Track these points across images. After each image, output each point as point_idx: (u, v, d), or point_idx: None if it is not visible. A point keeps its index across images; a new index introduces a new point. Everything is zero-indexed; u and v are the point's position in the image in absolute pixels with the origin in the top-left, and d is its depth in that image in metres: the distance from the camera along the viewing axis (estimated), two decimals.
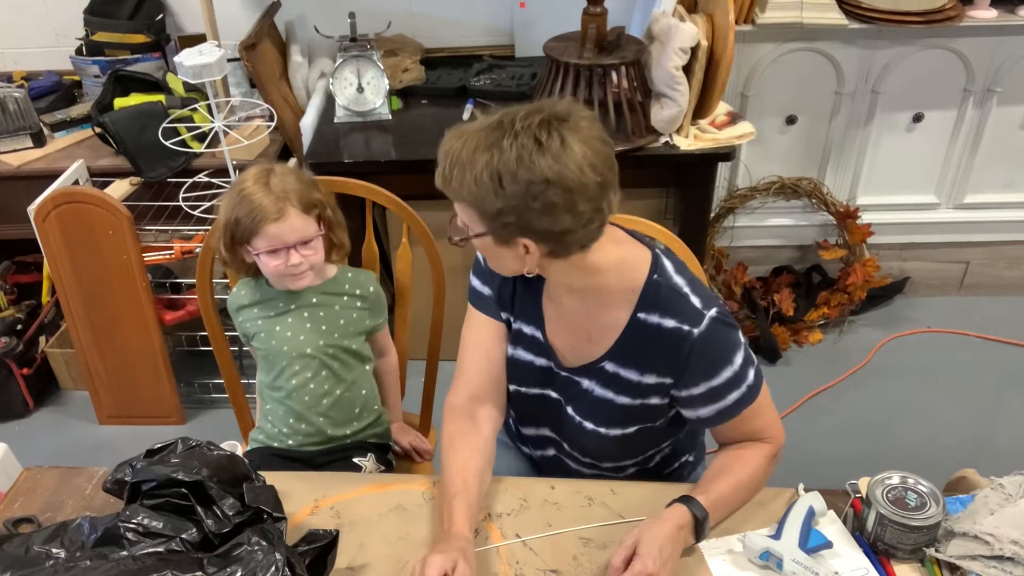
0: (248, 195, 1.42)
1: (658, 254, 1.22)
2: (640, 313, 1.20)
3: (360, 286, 1.59)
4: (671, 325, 1.18)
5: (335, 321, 1.56)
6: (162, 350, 2.40)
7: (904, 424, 2.45)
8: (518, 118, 1.06)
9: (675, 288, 1.19)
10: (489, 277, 1.32)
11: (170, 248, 2.30)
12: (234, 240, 1.45)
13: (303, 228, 1.44)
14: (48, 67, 2.79)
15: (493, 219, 1.10)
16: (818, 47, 2.50)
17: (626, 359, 1.23)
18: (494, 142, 1.06)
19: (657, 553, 1.09)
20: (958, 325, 2.80)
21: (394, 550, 1.20)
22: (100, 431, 2.53)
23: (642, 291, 1.19)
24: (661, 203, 2.54)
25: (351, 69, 2.35)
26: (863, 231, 2.71)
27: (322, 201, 1.49)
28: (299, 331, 1.55)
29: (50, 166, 2.39)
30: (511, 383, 1.35)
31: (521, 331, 1.31)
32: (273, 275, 1.50)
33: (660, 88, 2.16)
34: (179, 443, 1.16)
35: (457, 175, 1.09)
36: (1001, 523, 1.12)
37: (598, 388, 1.26)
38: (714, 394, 1.20)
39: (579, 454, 1.36)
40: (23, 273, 2.77)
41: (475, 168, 1.06)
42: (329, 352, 1.55)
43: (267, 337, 1.56)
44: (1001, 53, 2.51)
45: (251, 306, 1.58)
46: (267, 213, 1.41)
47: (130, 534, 1.04)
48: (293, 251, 1.45)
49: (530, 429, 1.41)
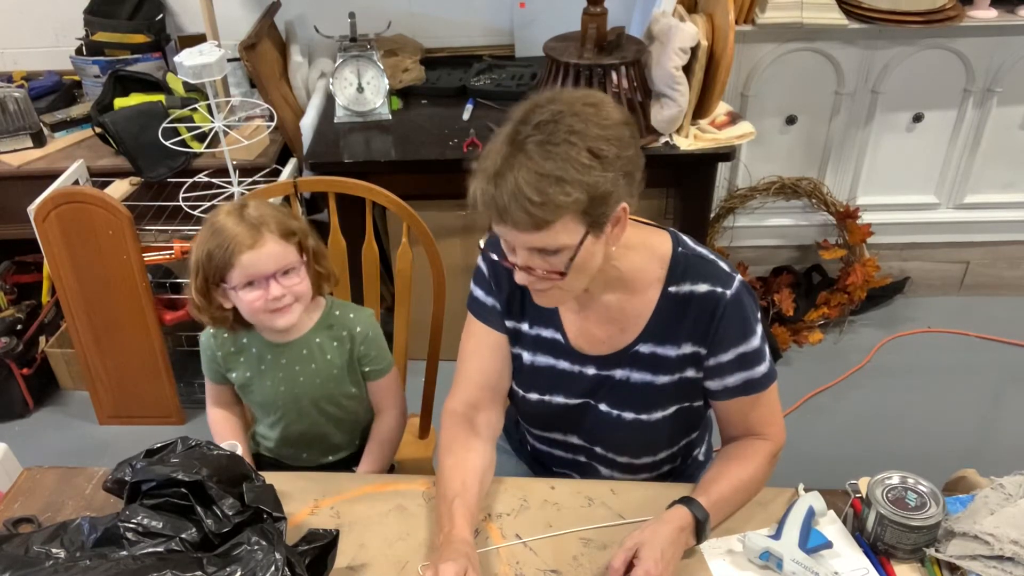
0: (220, 227, 1.30)
1: (675, 231, 1.25)
2: (671, 287, 1.21)
3: (349, 327, 1.45)
4: (704, 290, 1.19)
5: (328, 371, 1.45)
6: (162, 350, 2.40)
7: (904, 424, 2.44)
8: (533, 113, 1.05)
9: (702, 256, 1.22)
10: (494, 287, 1.30)
11: (170, 248, 2.30)
12: (208, 281, 1.32)
13: (282, 255, 1.32)
14: (48, 67, 2.79)
15: (600, 203, 1.04)
16: (818, 47, 2.50)
17: (661, 336, 1.23)
18: (545, 139, 1.01)
19: (659, 556, 1.09)
20: (958, 325, 2.80)
21: (394, 550, 1.20)
22: (100, 431, 2.53)
23: (670, 265, 1.21)
24: (661, 203, 2.54)
25: (351, 69, 2.35)
26: (863, 231, 2.71)
27: (303, 229, 1.37)
28: (292, 385, 1.45)
29: (50, 166, 2.39)
30: (533, 392, 1.33)
31: (540, 336, 1.30)
32: (255, 314, 1.34)
33: (660, 88, 2.16)
34: (179, 443, 1.16)
35: (552, 191, 1.00)
36: (1001, 523, 1.12)
37: (635, 374, 1.26)
38: (743, 361, 1.21)
39: (615, 454, 1.33)
40: (23, 273, 2.77)
41: (571, 155, 1.01)
42: (326, 399, 1.48)
43: (255, 392, 1.47)
44: (1001, 53, 2.51)
45: (236, 354, 1.46)
46: (242, 240, 1.28)
47: (130, 534, 1.04)
48: (273, 282, 1.31)
49: (557, 434, 1.38)
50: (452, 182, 2.29)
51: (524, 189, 1.01)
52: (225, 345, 1.46)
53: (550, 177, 1.01)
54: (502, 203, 1.02)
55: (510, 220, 1.03)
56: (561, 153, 1.01)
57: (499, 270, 1.29)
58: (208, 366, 1.50)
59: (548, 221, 1.03)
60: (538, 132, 1.03)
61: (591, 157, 1.02)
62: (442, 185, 2.34)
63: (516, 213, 1.02)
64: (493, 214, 1.06)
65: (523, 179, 1.01)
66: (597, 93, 1.09)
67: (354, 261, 1.70)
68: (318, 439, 1.54)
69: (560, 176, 1.01)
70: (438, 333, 1.71)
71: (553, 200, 1.01)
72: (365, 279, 1.71)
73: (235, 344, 1.46)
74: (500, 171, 1.03)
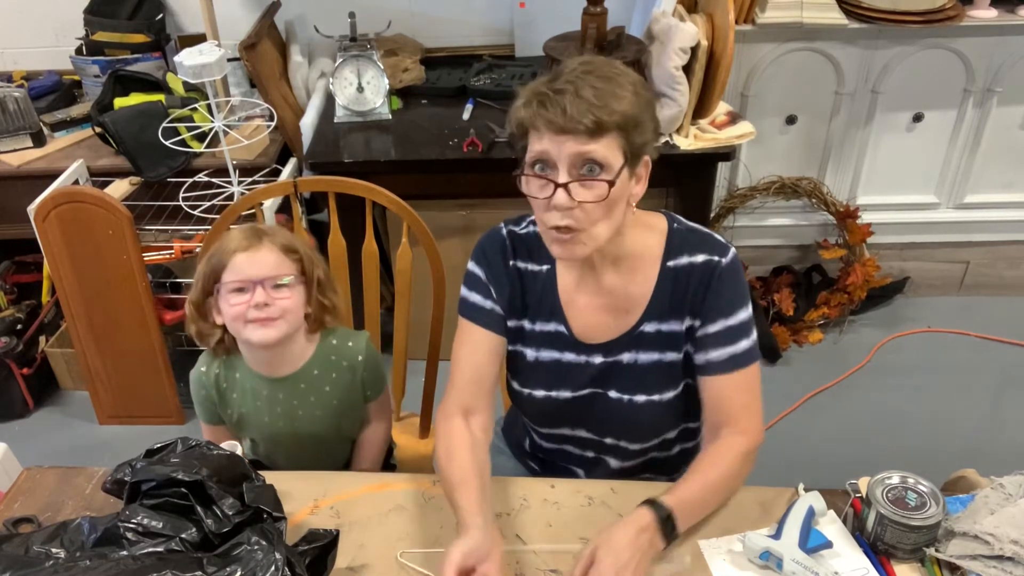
0: (227, 235, 1.33)
1: (668, 212, 1.28)
2: (669, 262, 1.23)
3: (349, 356, 1.43)
4: (702, 259, 1.22)
5: (328, 403, 1.44)
6: (162, 350, 2.40)
7: (904, 424, 2.45)
8: (568, 65, 1.12)
9: (697, 229, 1.26)
10: (493, 291, 1.29)
11: (170, 248, 2.30)
12: (204, 289, 1.32)
13: (276, 264, 1.30)
14: (48, 67, 2.79)
15: (639, 132, 1.10)
16: (818, 47, 2.50)
17: (665, 312, 1.24)
18: (590, 70, 1.09)
19: (614, 559, 1.07)
20: (958, 325, 2.80)
21: (394, 550, 1.20)
22: (100, 431, 2.53)
23: (667, 240, 1.24)
24: (661, 203, 2.54)
25: (351, 69, 2.35)
26: (863, 231, 2.71)
27: (309, 256, 1.36)
28: (291, 420, 1.43)
29: (50, 166, 2.39)
30: (539, 388, 1.32)
31: (543, 331, 1.30)
32: (235, 320, 1.30)
33: (660, 88, 2.16)
34: (179, 443, 1.16)
35: (608, 98, 1.07)
36: (1001, 523, 1.12)
37: (642, 355, 1.26)
38: (729, 334, 1.21)
39: (627, 441, 1.33)
40: (23, 273, 2.77)
41: (619, 83, 1.09)
42: (327, 431, 1.47)
43: (253, 428, 1.46)
44: (1001, 53, 2.51)
45: (229, 389, 1.43)
46: (239, 243, 1.29)
47: (130, 534, 1.04)
48: (261, 288, 1.28)
49: (565, 429, 1.37)
50: (452, 182, 2.33)
51: (584, 92, 1.06)
52: (218, 381, 1.43)
53: (604, 89, 1.07)
54: (562, 104, 1.06)
55: (569, 120, 1.06)
56: (610, 77, 1.09)
57: (497, 272, 1.29)
58: (202, 407, 1.46)
59: (605, 124, 1.06)
60: (583, 67, 1.10)
61: (632, 91, 1.10)
62: (442, 185, 2.35)
63: (577, 111, 1.06)
64: (544, 121, 1.08)
65: (583, 84, 1.07)
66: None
67: (354, 261, 1.70)
68: (315, 461, 1.51)
69: (613, 90, 1.08)
70: (438, 333, 1.71)
71: (609, 105, 1.06)
72: (365, 279, 1.71)
73: (228, 379, 1.43)
74: (554, 84, 1.08)
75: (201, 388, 1.43)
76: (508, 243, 1.30)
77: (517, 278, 1.30)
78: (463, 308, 1.32)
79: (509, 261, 1.30)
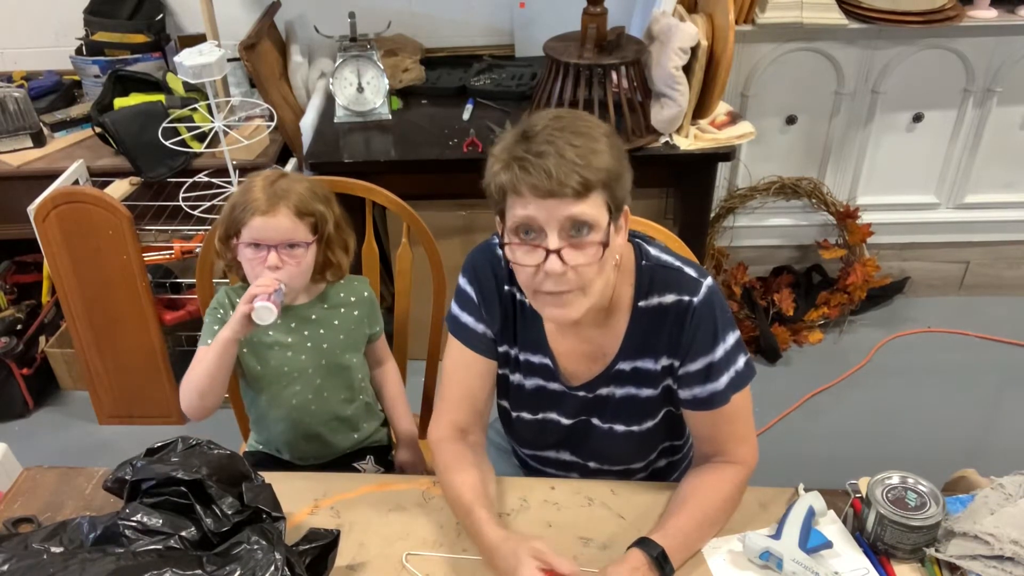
0: (250, 187, 1.40)
1: (638, 242, 1.24)
2: (640, 302, 1.21)
3: (355, 292, 1.55)
4: (671, 299, 1.19)
5: (335, 337, 1.51)
6: (162, 350, 2.40)
7: (904, 424, 2.45)
8: (539, 119, 1.09)
9: (666, 265, 1.21)
10: (484, 315, 1.28)
11: (170, 248, 2.30)
12: (228, 232, 1.42)
13: (290, 231, 1.38)
14: (48, 67, 2.79)
15: (619, 183, 1.09)
16: (818, 47, 2.50)
17: (637, 351, 1.23)
18: (563, 127, 1.06)
19: None
20: (958, 325, 2.80)
21: (394, 550, 1.20)
22: (100, 431, 2.53)
23: (636, 280, 1.21)
24: (661, 203, 2.54)
25: (351, 69, 2.35)
26: (863, 231, 2.71)
27: (323, 214, 1.43)
28: (299, 350, 1.49)
29: (50, 166, 2.39)
30: (523, 411, 1.33)
31: (529, 361, 1.29)
32: (252, 270, 1.41)
33: (660, 88, 2.16)
34: (179, 442, 1.16)
35: (589, 156, 1.04)
36: (1001, 523, 1.12)
37: (618, 389, 1.26)
38: (710, 371, 1.19)
39: (610, 465, 1.34)
40: (23, 273, 2.77)
41: (594, 137, 1.06)
42: (331, 369, 1.52)
43: (265, 357, 1.49)
44: (1001, 53, 2.51)
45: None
46: (258, 205, 1.37)
47: (129, 532, 1.04)
48: (274, 251, 1.38)
49: (549, 452, 1.38)
50: (452, 182, 2.33)
51: (566, 152, 1.03)
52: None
53: (583, 147, 1.05)
54: (545, 167, 1.03)
55: (555, 183, 1.03)
56: (584, 132, 1.06)
57: (489, 296, 1.27)
58: (214, 329, 1.45)
59: (591, 183, 1.04)
60: (555, 123, 1.07)
61: (608, 144, 1.07)
62: (442, 185, 2.35)
63: (563, 173, 1.03)
64: (528, 186, 1.04)
65: (562, 143, 1.04)
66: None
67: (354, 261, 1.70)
68: (322, 420, 1.53)
69: (592, 147, 1.05)
70: (438, 333, 1.71)
71: (592, 163, 1.04)
72: None
73: None
74: (532, 145, 1.05)
75: (221, 307, 1.48)
76: (502, 266, 1.26)
77: (510, 305, 1.27)
78: (455, 327, 1.30)
79: (503, 286, 1.27)
